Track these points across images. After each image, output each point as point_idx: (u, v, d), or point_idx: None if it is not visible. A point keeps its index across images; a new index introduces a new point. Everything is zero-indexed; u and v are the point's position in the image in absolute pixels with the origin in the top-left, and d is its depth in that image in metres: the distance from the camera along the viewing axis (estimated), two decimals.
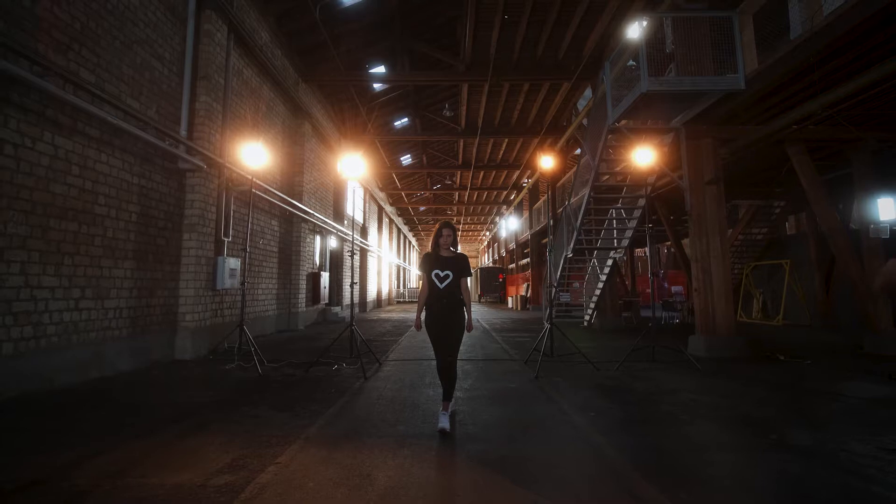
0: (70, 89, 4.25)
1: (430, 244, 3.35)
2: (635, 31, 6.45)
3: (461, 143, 17.04)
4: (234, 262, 6.99)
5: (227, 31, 7.04)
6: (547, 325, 5.49)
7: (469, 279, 3.36)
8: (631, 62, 7.36)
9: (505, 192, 24.38)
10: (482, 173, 21.37)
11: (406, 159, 20.33)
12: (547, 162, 6.01)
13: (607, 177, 7.95)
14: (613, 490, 2.10)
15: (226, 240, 6.97)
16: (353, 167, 5.70)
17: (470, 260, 3.56)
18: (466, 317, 3.29)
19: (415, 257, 39.10)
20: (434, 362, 3.23)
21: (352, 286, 5.96)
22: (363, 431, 2.95)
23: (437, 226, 3.33)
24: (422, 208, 29.81)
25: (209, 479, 2.16)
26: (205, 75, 6.48)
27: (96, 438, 2.75)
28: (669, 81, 5.62)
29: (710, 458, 2.51)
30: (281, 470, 2.29)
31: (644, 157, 5.79)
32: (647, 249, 20.24)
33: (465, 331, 3.26)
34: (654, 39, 5.98)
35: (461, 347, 3.42)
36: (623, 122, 6.69)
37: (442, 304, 3.18)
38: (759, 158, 7.33)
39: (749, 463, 2.43)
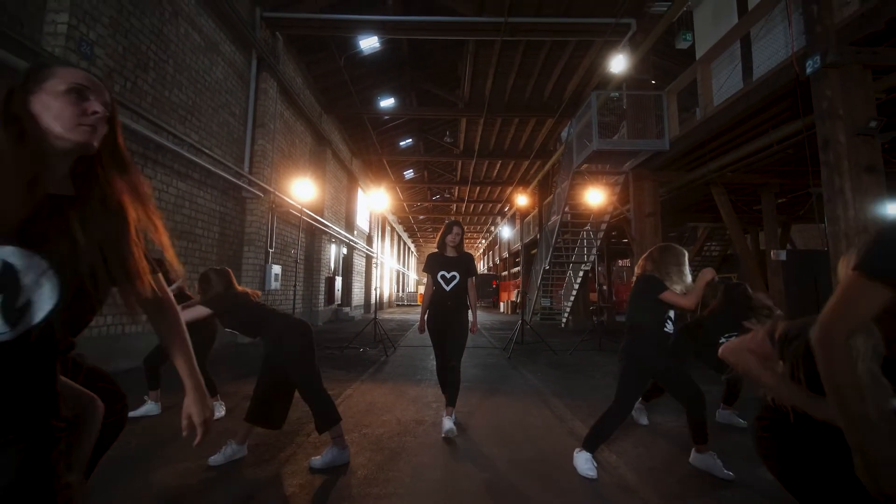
0: (185, 147, 6.10)
1: (436, 242, 3.28)
2: (614, 66, 8.38)
3: (459, 163, 18.96)
4: (277, 269, 8.82)
5: (276, 85, 8.91)
6: (519, 321, 7.36)
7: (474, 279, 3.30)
8: (613, 93, 9.31)
9: (499, 205, 26.31)
10: (478, 188, 23.28)
11: (409, 174, 22.25)
12: (522, 200, 7.86)
13: (570, 205, 9.86)
14: (537, 400, 3.97)
15: (271, 251, 8.81)
16: (379, 202, 7.55)
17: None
18: (471, 318, 3.24)
19: (414, 263, 40.96)
20: None
21: (375, 290, 7.83)
22: (394, 378, 4.81)
23: (445, 224, 3.24)
24: (421, 217, 31.73)
25: None
26: (261, 123, 8.35)
27: (230, 382, 4.58)
28: (614, 142, 7.55)
29: (597, 392, 4.36)
30: (354, 391, 4.14)
31: (598, 197, 7.70)
32: (628, 261, 21.87)
33: (470, 332, 3.22)
34: (611, 104, 7.94)
35: None
36: (585, 166, 8.59)
37: (447, 306, 3.12)
38: (693, 194, 9.24)
39: None
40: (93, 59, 4.37)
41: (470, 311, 3.26)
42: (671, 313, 2.56)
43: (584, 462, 2.39)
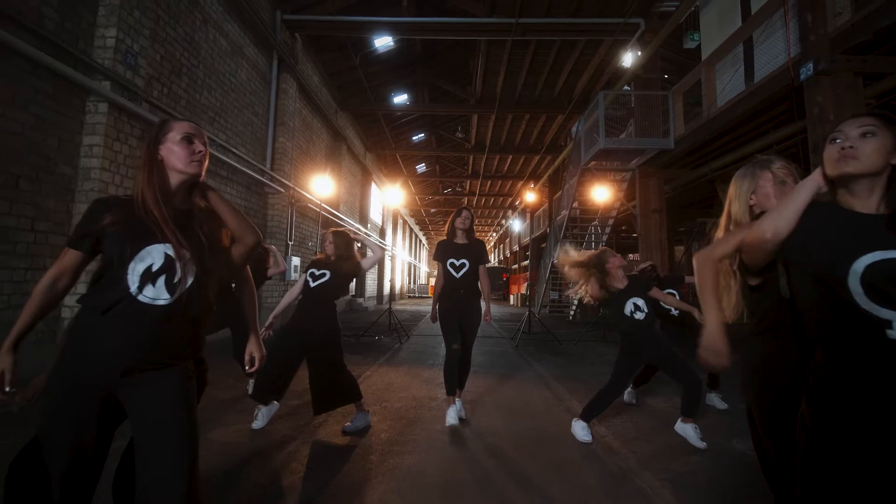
0: (215, 147, 6.52)
1: (446, 228, 3.22)
2: (623, 65, 8.62)
3: (471, 158, 19.21)
4: (296, 260, 9.28)
5: (295, 85, 9.30)
6: (526, 312, 7.71)
7: (486, 266, 3.21)
8: (625, 88, 9.53)
9: (510, 199, 26.54)
10: (489, 182, 23.51)
11: (421, 167, 22.58)
12: (530, 196, 8.16)
13: (578, 200, 10.13)
14: (539, 383, 4.34)
15: (290, 243, 9.26)
16: (394, 198, 7.92)
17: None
18: (484, 307, 3.16)
19: (425, 255, 41.43)
20: None
21: (389, 281, 8.19)
22: (409, 362, 5.21)
23: (455, 210, 3.22)
24: (433, 210, 32.09)
25: None
26: (282, 122, 8.75)
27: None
28: (620, 140, 7.80)
29: (596, 377, 4.71)
30: (374, 373, 4.55)
31: (604, 194, 7.98)
32: (637, 256, 22.03)
33: (483, 321, 3.16)
34: (622, 98, 8.18)
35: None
36: (593, 163, 8.85)
37: (458, 294, 3.06)
38: (699, 191, 9.44)
39: None
40: (137, 70, 4.78)
41: (483, 301, 3.18)
42: (630, 304, 2.88)
43: (581, 430, 2.79)
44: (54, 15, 4.03)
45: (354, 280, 3.08)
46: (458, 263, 3.07)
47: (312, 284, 2.90)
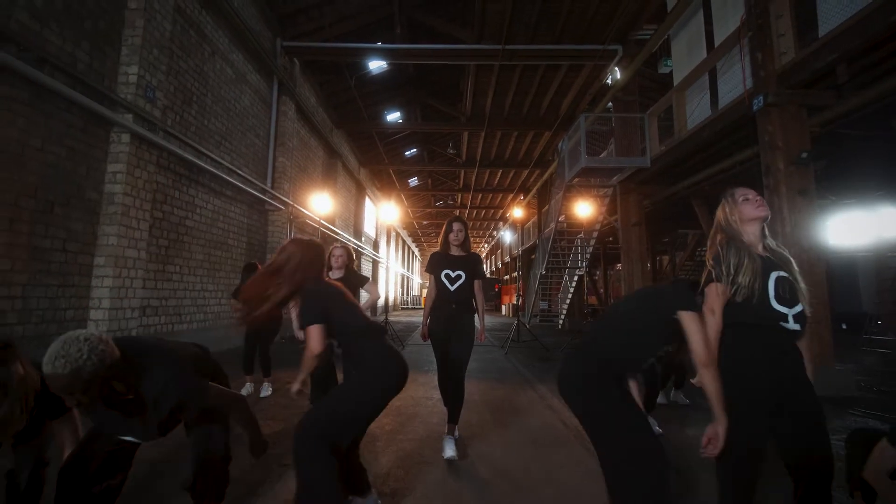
0: (222, 169, 6.95)
1: (439, 244, 3.04)
2: (603, 88, 9.21)
3: (462, 172, 19.80)
4: None
5: (294, 107, 9.79)
6: (515, 321, 8.16)
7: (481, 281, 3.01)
8: (609, 104, 10.13)
9: (501, 211, 27.15)
10: (480, 195, 24.12)
11: (413, 181, 23.14)
12: (518, 212, 8.67)
13: (565, 214, 10.69)
14: (523, 383, 4.78)
15: None
16: (389, 214, 8.37)
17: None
18: (478, 325, 2.99)
19: (417, 267, 41.84)
20: None
21: (386, 292, 8.61)
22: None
23: (445, 223, 3.01)
24: (425, 222, 32.62)
25: None
26: (281, 142, 9.21)
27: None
28: (600, 160, 8.36)
29: None
30: None
31: (587, 209, 8.51)
32: (618, 266, 22.58)
33: (477, 340, 2.94)
34: (605, 114, 8.76)
35: None
36: (577, 179, 9.40)
37: (451, 309, 2.87)
38: (677, 205, 10.02)
39: None
40: (155, 102, 5.23)
41: (476, 317, 2.99)
42: None
43: None
44: (84, 57, 4.47)
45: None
46: (453, 275, 2.88)
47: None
